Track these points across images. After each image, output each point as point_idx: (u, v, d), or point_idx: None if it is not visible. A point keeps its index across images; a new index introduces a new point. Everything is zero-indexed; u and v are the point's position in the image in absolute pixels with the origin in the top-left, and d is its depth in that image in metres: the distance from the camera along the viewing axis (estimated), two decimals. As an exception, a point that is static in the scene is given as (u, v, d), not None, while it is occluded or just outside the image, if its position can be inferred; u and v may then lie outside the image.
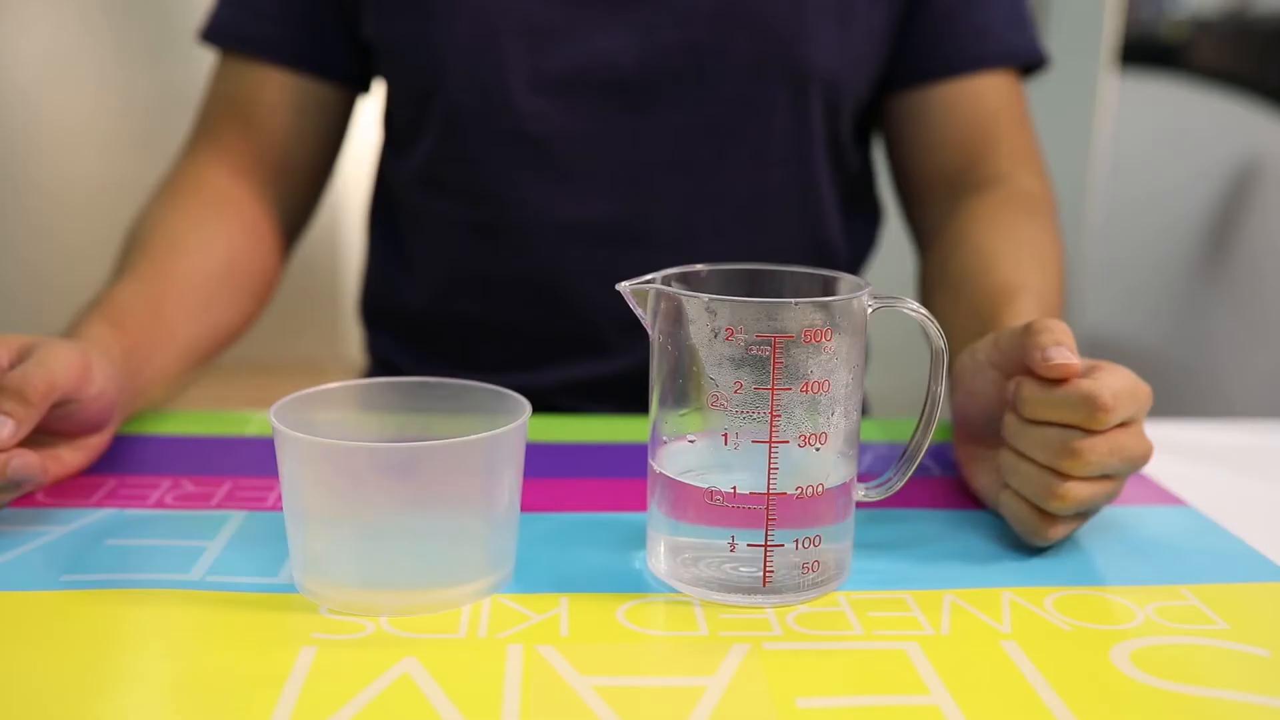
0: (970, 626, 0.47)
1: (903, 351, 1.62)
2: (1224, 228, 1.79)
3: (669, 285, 0.49)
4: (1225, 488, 0.64)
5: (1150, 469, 0.66)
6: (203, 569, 0.50)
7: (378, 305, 0.90)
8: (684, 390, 0.48)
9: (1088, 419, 0.50)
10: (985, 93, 0.81)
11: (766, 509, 0.47)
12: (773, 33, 0.78)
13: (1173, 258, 1.85)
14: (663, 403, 0.49)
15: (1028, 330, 0.53)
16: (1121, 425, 0.51)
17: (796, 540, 0.48)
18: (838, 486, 0.48)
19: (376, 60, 0.82)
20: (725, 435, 0.47)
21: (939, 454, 0.68)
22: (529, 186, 0.79)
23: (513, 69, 0.77)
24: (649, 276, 0.49)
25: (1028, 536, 0.53)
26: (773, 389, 0.46)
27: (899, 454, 0.52)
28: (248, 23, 0.81)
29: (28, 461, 0.52)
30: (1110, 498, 0.53)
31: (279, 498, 0.58)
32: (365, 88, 0.86)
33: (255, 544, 0.53)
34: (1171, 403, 1.80)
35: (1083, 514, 0.54)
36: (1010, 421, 0.54)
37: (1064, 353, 0.51)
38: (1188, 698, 0.42)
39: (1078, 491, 0.51)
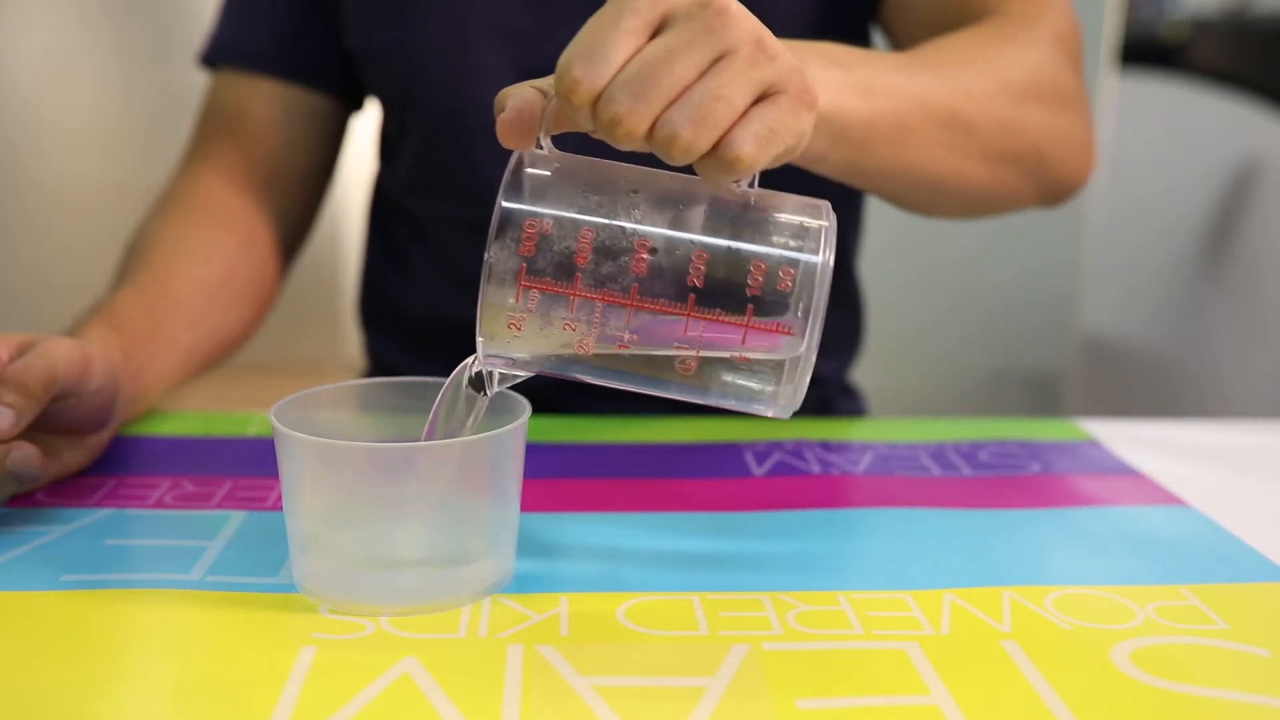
0: (970, 626, 0.47)
1: (903, 351, 1.63)
2: (1224, 228, 1.79)
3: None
4: (1225, 488, 0.64)
5: (1150, 469, 0.66)
6: (203, 569, 0.50)
7: (376, 309, 0.91)
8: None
9: (564, 95, 0.43)
10: None
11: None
12: None
13: (1173, 258, 1.85)
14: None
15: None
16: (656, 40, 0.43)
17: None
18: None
19: (360, 70, 0.83)
20: (621, 342, 0.44)
21: (939, 454, 0.68)
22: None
23: (485, 68, 0.77)
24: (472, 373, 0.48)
25: (720, 174, 0.44)
26: (578, 296, 0.43)
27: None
28: (239, 39, 0.83)
29: (27, 454, 0.52)
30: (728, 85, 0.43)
31: (279, 498, 0.58)
32: (359, 104, 0.86)
33: (255, 544, 0.53)
34: (1171, 403, 1.80)
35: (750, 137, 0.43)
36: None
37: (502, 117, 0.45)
38: (1188, 698, 0.42)
39: (668, 119, 0.42)
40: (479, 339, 0.46)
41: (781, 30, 0.51)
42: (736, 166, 0.43)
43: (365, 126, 0.91)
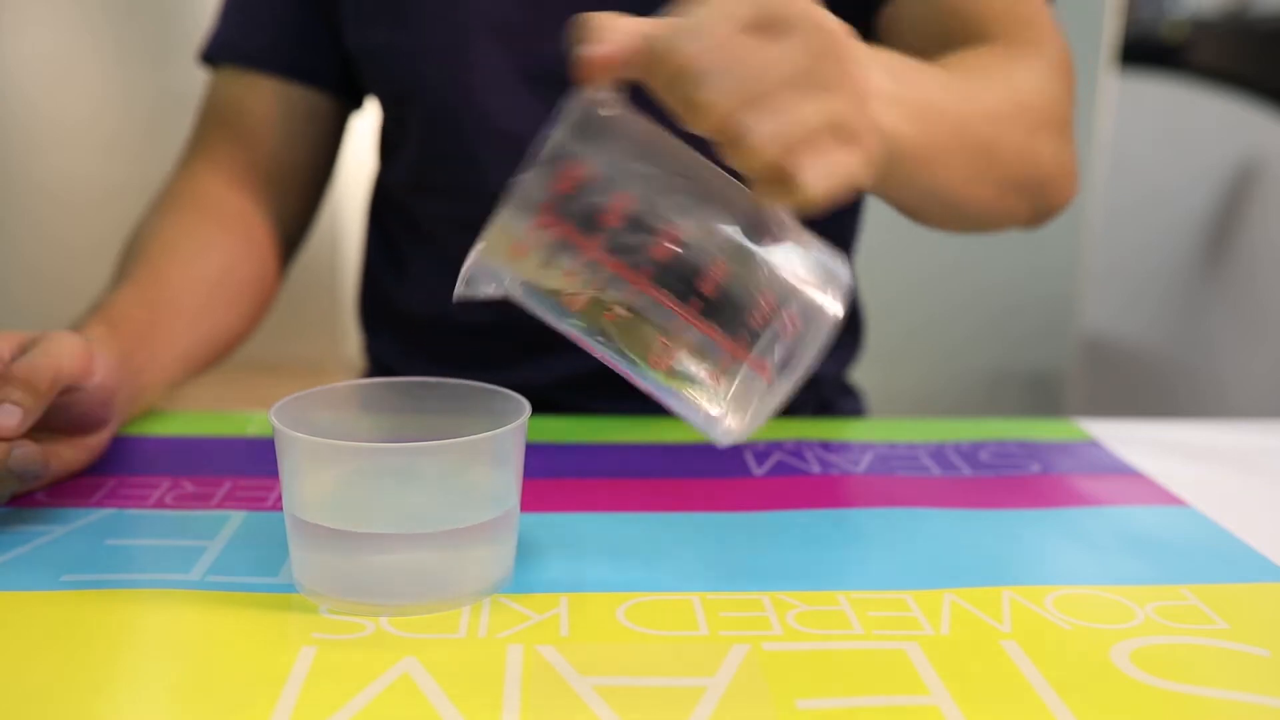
0: (970, 626, 0.47)
1: (903, 351, 1.63)
2: (1224, 228, 1.79)
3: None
4: (1225, 488, 0.64)
5: (1150, 469, 0.66)
6: (203, 569, 0.50)
7: (376, 309, 0.91)
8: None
9: (653, 67, 0.43)
10: None
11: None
12: None
13: (1173, 258, 1.85)
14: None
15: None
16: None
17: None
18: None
19: (359, 69, 0.83)
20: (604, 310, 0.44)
21: (939, 454, 0.68)
22: (508, 182, 0.80)
23: (484, 68, 0.77)
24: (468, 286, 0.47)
25: (775, 195, 0.43)
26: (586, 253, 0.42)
27: None
28: (239, 37, 0.83)
29: (28, 452, 0.53)
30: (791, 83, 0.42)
31: (279, 498, 0.58)
32: (358, 103, 0.86)
33: (255, 544, 0.53)
34: (1171, 403, 1.80)
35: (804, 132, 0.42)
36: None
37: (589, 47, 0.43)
38: (1188, 698, 0.42)
39: (763, 126, 0.42)
40: (477, 246, 0.44)
41: None
42: (794, 195, 0.43)
43: (365, 126, 0.91)
